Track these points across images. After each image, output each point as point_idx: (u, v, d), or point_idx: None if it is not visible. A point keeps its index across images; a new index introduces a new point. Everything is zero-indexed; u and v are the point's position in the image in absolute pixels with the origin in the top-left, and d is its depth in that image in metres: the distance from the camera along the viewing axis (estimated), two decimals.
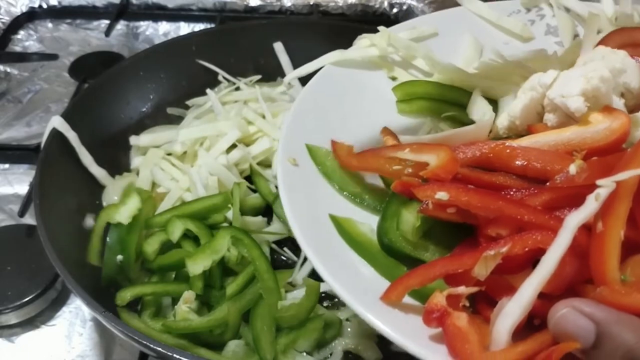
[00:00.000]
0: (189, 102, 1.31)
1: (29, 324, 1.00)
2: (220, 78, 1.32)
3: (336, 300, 1.00)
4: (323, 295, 0.99)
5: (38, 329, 1.00)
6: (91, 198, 1.10)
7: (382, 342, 0.94)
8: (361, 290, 0.57)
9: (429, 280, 0.55)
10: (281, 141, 0.73)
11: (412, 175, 0.63)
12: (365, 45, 0.89)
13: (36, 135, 1.32)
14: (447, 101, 0.84)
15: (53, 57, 1.57)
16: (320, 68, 0.87)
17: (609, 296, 0.51)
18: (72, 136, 1.08)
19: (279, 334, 0.90)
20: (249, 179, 1.15)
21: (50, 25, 1.69)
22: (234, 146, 1.15)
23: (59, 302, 1.03)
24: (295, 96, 1.29)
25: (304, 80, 0.90)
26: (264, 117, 1.22)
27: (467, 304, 0.55)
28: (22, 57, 1.58)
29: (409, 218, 0.62)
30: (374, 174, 0.69)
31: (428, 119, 0.84)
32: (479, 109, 0.81)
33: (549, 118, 0.72)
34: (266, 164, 1.19)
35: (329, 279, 0.57)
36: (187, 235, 0.99)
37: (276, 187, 1.13)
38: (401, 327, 0.53)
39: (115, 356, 0.96)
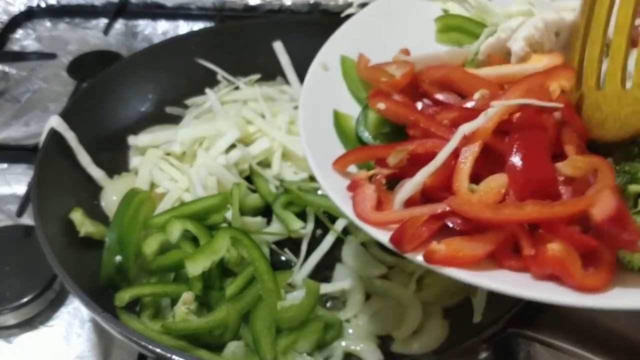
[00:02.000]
0: (188, 102, 1.30)
1: (27, 324, 0.99)
2: (219, 77, 1.32)
3: (337, 301, 1.00)
4: (323, 296, 0.98)
5: (36, 330, 0.99)
6: (89, 198, 1.09)
7: (383, 344, 0.94)
8: (328, 167, 0.74)
9: (362, 159, 0.75)
10: (321, 49, 0.87)
11: (385, 86, 0.79)
12: None
13: (34, 135, 1.32)
14: (476, 35, 0.92)
15: (51, 56, 1.57)
16: None
17: (454, 203, 0.62)
18: (70, 136, 1.08)
19: (279, 335, 0.89)
20: (248, 179, 1.15)
21: (48, 24, 1.69)
22: (233, 146, 1.15)
23: (57, 303, 1.02)
24: (295, 95, 1.30)
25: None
26: (263, 116, 1.21)
27: (384, 182, 0.70)
28: (21, 57, 1.57)
29: (372, 117, 0.79)
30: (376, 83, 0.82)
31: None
32: None
33: (512, 57, 0.81)
34: (266, 164, 1.18)
35: (309, 156, 0.73)
36: (186, 236, 0.99)
37: (276, 187, 1.13)
38: (337, 189, 0.70)
39: (114, 357, 0.96)
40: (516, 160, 0.64)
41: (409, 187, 0.65)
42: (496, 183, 0.64)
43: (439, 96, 0.77)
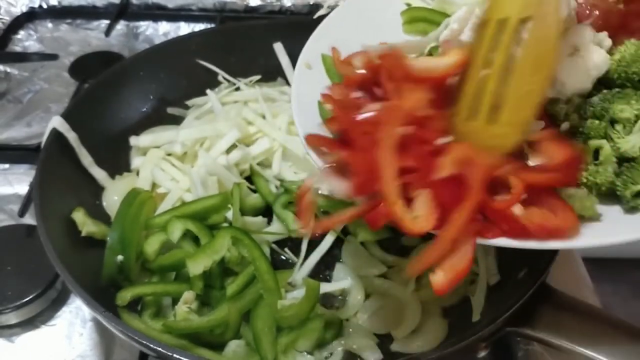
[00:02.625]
0: (189, 102, 1.31)
1: (29, 324, 1.00)
2: (220, 78, 1.32)
3: (336, 300, 1.01)
4: (323, 295, 0.99)
5: (38, 329, 1.00)
6: (91, 198, 1.10)
7: (382, 343, 0.94)
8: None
9: (317, 145, 0.78)
10: (303, 50, 0.93)
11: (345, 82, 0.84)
12: None
13: (36, 135, 1.32)
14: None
15: (53, 57, 1.57)
16: None
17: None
18: (72, 137, 1.08)
19: (280, 334, 0.90)
20: (249, 179, 1.15)
21: (50, 25, 1.69)
22: (234, 146, 1.15)
23: (59, 302, 1.03)
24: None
25: None
26: (264, 117, 1.22)
27: None
28: (22, 57, 1.58)
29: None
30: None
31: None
32: None
33: None
34: (266, 164, 1.19)
35: (300, 131, 0.81)
36: (187, 235, 0.99)
37: (276, 187, 1.14)
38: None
39: (116, 356, 0.96)
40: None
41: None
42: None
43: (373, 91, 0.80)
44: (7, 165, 1.27)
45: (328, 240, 1.07)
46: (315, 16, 1.04)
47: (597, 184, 0.74)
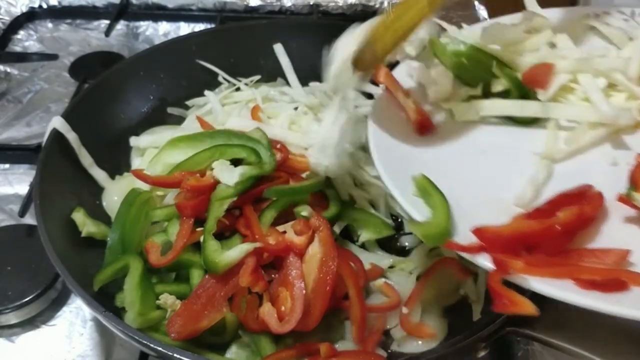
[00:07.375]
0: (189, 103, 1.31)
1: (29, 323, 1.00)
2: (220, 78, 1.32)
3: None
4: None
5: (38, 329, 1.00)
6: (91, 198, 1.10)
7: (383, 343, 0.94)
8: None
9: None
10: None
11: None
12: None
13: (36, 135, 1.33)
14: None
15: (53, 57, 1.58)
16: None
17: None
18: (72, 137, 1.08)
19: (280, 338, 0.90)
20: None
21: (50, 25, 1.70)
22: None
23: (59, 302, 1.03)
24: (295, 97, 1.29)
25: None
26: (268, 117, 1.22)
27: None
28: (22, 57, 1.58)
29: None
30: None
31: None
32: None
33: None
34: None
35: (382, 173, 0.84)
36: None
37: None
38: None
39: (116, 356, 0.96)
40: None
41: None
42: None
43: None
44: (7, 165, 1.28)
45: None
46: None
47: None
